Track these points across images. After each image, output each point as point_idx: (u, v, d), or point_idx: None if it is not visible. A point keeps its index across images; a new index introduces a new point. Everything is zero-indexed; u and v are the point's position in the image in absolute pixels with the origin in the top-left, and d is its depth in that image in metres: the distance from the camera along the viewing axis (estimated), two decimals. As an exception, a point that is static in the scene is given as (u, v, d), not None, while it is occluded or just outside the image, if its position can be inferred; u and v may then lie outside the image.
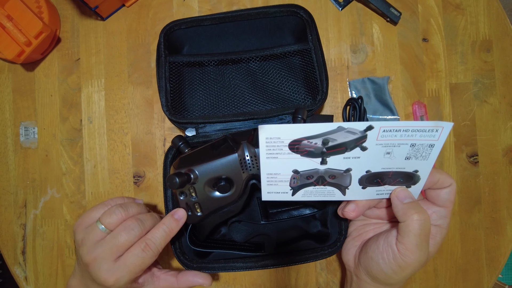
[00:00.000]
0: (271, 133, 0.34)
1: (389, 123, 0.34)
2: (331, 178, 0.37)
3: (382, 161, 0.36)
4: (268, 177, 0.37)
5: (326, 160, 0.36)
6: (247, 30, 0.49)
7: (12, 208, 0.54)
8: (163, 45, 0.47)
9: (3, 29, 0.48)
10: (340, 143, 0.35)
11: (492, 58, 0.53)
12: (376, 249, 0.38)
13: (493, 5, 0.53)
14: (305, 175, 0.37)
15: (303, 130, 0.34)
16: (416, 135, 0.34)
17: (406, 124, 0.34)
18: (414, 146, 0.35)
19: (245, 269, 0.44)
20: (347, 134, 0.34)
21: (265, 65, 0.50)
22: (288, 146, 0.35)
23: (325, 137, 0.34)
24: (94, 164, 0.53)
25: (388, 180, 0.38)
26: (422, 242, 0.35)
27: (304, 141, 0.35)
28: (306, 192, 0.39)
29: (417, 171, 0.37)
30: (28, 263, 0.53)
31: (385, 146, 0.35)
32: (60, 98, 0.54)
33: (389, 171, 0.37)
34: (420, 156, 0.36)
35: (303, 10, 0.47)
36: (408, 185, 0.38)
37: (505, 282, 1.10)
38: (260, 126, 0.33)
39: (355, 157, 0.36)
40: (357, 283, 0.41)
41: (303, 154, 0.36)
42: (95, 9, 0.49)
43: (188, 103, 0.50)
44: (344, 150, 0.35)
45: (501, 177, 0.52)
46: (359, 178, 0.37)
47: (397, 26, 0.53)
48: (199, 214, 0.40)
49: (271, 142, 0.35)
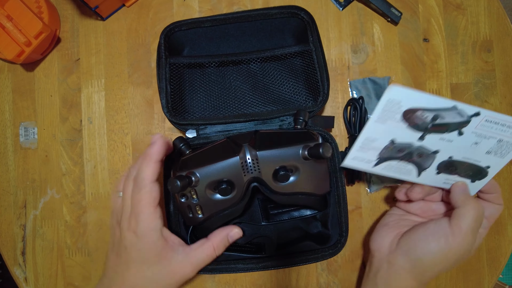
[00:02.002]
0: (397, 95, 0.35)
1: (494, 114, 0.36)
2: (418, 156, 0.39)
3: (468, 150, 0.39)
4: (364, 141, 0.38)
5: (424, 137, 0.38)
6: (248, 32, 0.49)
7: (12, 208, 0.53)
8: (164, 46, 0.46)
9: (3, 29, 0.48)
10: (447, 122, 0.37)
11: (493, 58, 0.53)
12: (426, 230, 0.39)
13: (493, 5, 0.53)
14: (398, 147, 0.39)
15: (426, 100, 0.35)
16: (508, 132, 0.37)
17: (504, 118, 0.37)
18: (501, 141, 0.38)
19: (246, 270, 0.44)
20: (456, 115, 0.37)
21: (266, 67, 0.50)
22: (402, 113, 0.36)
23: (437, 113, 0.36)
24: (94, 165, 0.53)
25: (460, 171, 0.40)
26: (474, 229, 0.37)
27: (419, 112, 0.36)
28: (388, 165, 0.40)
29: (488, 167, 0.40)
30: (28, 264, 0.53)
31: (478, 135, 0.38)
32: (60, 98, 0.54)
33: (466, 161, 0.40)
34: (500, 152, 0.39)
35: (303, 11, 0.47)
36: (473, 180, 0.41)
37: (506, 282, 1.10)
38: (390, 85, 0.34)
39: (449, 140, 0.38)
40: (387, 271, 0.40)
41: (410, 124, 0.37)
42: (95, 9, 0.49)
43: (189, 104, 0.50)
44: (445, 130, 0.38)
45: (502, 177, 0.52)
46: (439, 163, 0.40)
47: (397, 26, 0.53)
48: (200, 216, 0.40)
49: (390, 105, 0.35)
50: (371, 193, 0.52)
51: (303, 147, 0.38)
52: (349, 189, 0.52)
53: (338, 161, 0.44)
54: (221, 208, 0.40)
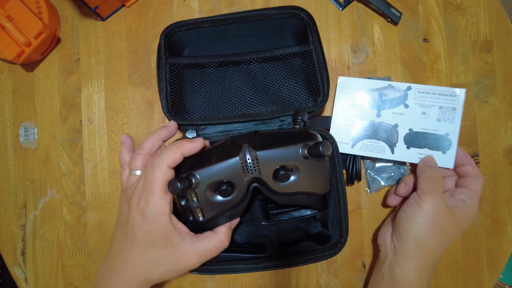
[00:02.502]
0: (345, 83, 0.47)
1: (422, 86, 0.46)
2: (383, 133, 0.47)
3: (420, 120, 0.46)
4: (336, 123, 0.48)
5: (381, 113, 0.47)
6: (248, 32, 0.49)
7: (11, 209, 0.53)
8: (164, 47, 0.46)
9: (3, 30, 0.48)
10: (391, 98, 0.47)
11: (493, 59, 0.53)
12: (404, 208, 0.43)
13: (493, 5, 0.53)
14: (364, 125, 0.47)
15: (367, 83, 0.48)
16: (441, 99, 0.46)
17: (432, 88, 0.46)
18: (442, 108, 0.46)
19: (247, 271, 0.44)
20: (395, 91, 0.47)
21: (266, 67, 0.50)
22: (354, 94, 0.47)
23: (380, 91, 0.47)
24: (94, 165, 0.53)
25: (426, 143, 0.46)
26: (436, 189, 0.41)
27: (367, 93, 0.47)
28: (363, 145, 0.47)
29: (448, 134, 0.46)
30: (28, 264, 0.53)
31: (421, 106, 0.46)
32: (60, 99, 0.54)
33: (427, 132, 0.46)
34: (448, 118, 0.46)
35: (304, 11, 0.46)
36: (443, 151, 0.46)
37: (506, 283, 1.10)
38: (340, 77, 0.48)
39: (400, 113, 0.47)
40: (390, 261, 0.43)
41: (364, 105, 0.47)
42: (95, 10, 0.49)
43: (189, 105, 0.50)
44: (392, 105, 0.47)
45: (502, 177, 0.52)
46: (404, 136, 0.47)
47: (397, 27, 0.53)
48: (201, 220, 0.40)
49: (343, 90, 0.47)
50: (371, 193, 0.52)
51: (302, 146, 0.38)
52: (349, 189, 0.52)
53: (338, 161, 0.44)
54: (222, 209, 0.40)
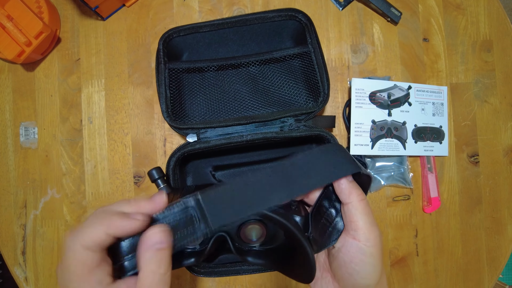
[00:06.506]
0: (359, 84, 0.50)
1: (418, 85, 0.52)
2: (395, 131, 0.51)
3: (421, 116, 0.51)
4: (355, 126, 0.50)
5: (391, 112, 0.51)
6: (247, 36, 0.49)
7: (12, 208, 0.53)
8: (162, 52, 0.46)
9: (3, 29, 0.48)
10: (397, 97, 0.51)
11: (493, 58, 0.53)
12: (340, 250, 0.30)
13: (493, 5, 0.53)
14: (379, 125, 0.50)
15: (377, 83, 0.50)
16: (433, 95, 0.52)
17: (425, 87, 0.52)
18: (434, 104, 0.52)
19: (252, 272, 0.44)
20: (400, 90, 0.51)
21: (265, 69, 0.50)
22: (368, 97, 0.50)
23: (388, 91, 0.51)
24: (94, 165, 0.53)
25: (428, 136, 0.51)
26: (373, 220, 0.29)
27: (378, 94, 0.50)
28: (381, 145, 0.50)
29: (441, 126, 0.52)
30: (28, 263, 0.53)
31: (420, 103, 0.51)
32: (60, 98, 0.54)
33: (427, 126, 0.52)
34: (439, 112, 0.52)
35: (301, 13, 0.46)
36: (440, 141, 0.52)
37: (506, 282, 1.10)
38: (353, 79, 0.50)
39: (406, 111, 0.51)
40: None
41: (377, 105, 0.50)
42: (95, 9, 0.49)
43: (189, 109, 0.50)
44: (399, 104, 0.51)
45: (502, 177, 0.52)
46: (411, 131, 0.51)
47: (397, 26, 0.53)
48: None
49: (359, 93, 0.50)
50: (371, 193, 0.52)
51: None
52: (349, 189, 0.52)
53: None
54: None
